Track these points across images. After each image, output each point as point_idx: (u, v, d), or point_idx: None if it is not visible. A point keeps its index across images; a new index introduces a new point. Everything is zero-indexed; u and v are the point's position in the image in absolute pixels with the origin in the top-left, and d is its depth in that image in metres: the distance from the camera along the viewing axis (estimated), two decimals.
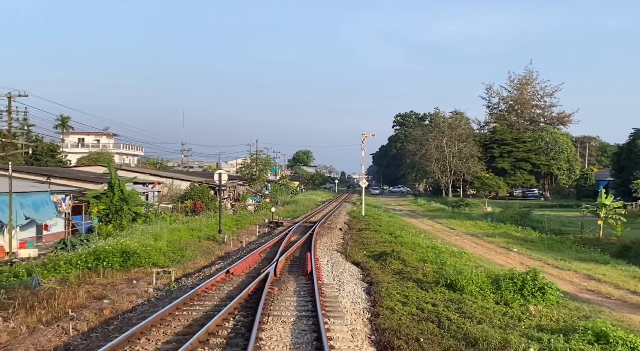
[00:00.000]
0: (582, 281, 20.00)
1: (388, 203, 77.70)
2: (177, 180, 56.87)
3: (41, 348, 10.21)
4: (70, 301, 13.49)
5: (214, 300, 13.13)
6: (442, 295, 15.04)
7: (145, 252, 19.97)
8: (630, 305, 16.03)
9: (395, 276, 17.82)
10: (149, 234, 24.38)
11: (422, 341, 10.71)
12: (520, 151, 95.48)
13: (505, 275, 16.04)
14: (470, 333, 11.28)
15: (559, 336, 11.14)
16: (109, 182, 34.45)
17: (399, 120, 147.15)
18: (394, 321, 11.99)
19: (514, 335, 11.16)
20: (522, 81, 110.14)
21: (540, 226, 41.74)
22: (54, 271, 18.73)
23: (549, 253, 27.58)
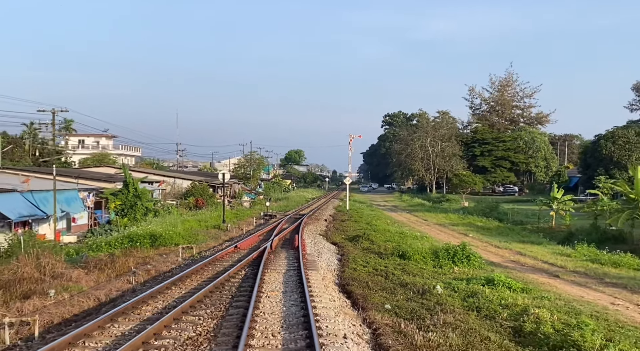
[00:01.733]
0: (511, 255, 25.57)
1: (374, 200, 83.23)
2: (179, 179, 62.18)
3: (118, 290, 15.54)
4: (124, 266, 18.86)
5: (229, 262, 18.64)
6: (394, 261, 20.56)
7: (169, 235, 25.33)
8: (534, 269, 21.60)
9: (362, 251, 23.34)
10: (166, 224, 29.70)
11: (370, 284, 16.19)
12: (500, 150, 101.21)
13: (443, 248, 21.63)
14: (404, 281, 16.80)
15: (463, 281, 16.69)
16: (124, 181, 39.61)
17: (388, 120, 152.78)
18: (354, 274, 17.49)
19: (433, 281, 16.65)
20: (502, 83, 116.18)
21: (505, 218, 47.31)
22: (97, 250, 24.00)
23: (498, 237, 33.18)
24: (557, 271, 20.97)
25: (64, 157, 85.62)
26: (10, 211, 25.98)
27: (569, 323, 11.88)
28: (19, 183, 30.33)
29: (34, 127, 79.99)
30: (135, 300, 12.42)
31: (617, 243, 29.30)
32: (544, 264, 23.04)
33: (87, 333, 9.96)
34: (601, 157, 69.29)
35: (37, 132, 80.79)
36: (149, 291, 13.51)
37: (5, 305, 12.89)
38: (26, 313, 12.06)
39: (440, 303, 13.76)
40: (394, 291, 15.31)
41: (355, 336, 10.39)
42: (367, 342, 10.30)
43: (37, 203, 28.97)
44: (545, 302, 14.26)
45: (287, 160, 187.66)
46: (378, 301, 13.87)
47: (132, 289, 15.55)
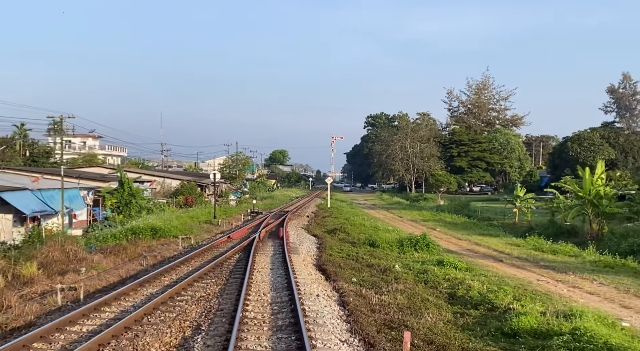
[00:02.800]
0: (468, 245, 29.27)
1: (355, 199, 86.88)
2: (168, 179, 65.15)
3: (133, 270, 18.81)
4: (134, 252, 22.14)
5: (224, 248, 22.07)
6: (365, 249, 24.11)
7: (167, 228, 28.59)
8: (484, 256, 25.28)
9: (339, 241, 26.89)
10: (164, 219, 32.89)
11: (342, 265, 19.70)
12: (476, 151, 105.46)
13: (407, 238, 25.25)
14: (371, 263, 20.34)
15: (419, 263, 20.27)
16: (120, 181, 42.61)
17: (370, 121, 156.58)
18: (329, 258, 20.99)
19: (394, 263, 20.19)
20: (479, 86, 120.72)
21: (474, 215, 51.14)
22: (104, 241, 27.11)
23: (462, 231, 36.93)
24: (503, 257, 24.70)
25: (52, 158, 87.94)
26: (25, 207, 28.98)
27: (492, 290, 15.48)
28: (30, 182, 33.26)
29: (24, 128, 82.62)
30: (154, 273, 15.78)
31: (570, 236, 33.12)
32: (494, 252, 26.76)
33: (124, 293, 13.32)
34: (568, 158, 73.70)
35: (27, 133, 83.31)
36: (163, 268, 16.89)
37: (49, 278, 16.15)
38: (64, 287, 15.31)
39: (397, 278, 17.32)
40: (361, 270, 18.84)
41: (325, 296, 13.89)
42: (334, 300, 13.79)
43: (45, 200, 31.95)
44: (482, 278, 17.85)
45: (271, 160, 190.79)
46: (347, 276, 17.38)
47: (144, 269, 18.83)
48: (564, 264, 22.80)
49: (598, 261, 23.24)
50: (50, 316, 12.29)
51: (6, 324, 11.67)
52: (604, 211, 32.58)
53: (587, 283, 18.64)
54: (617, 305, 15.46)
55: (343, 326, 11.23)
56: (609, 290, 17.59)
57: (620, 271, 21.13)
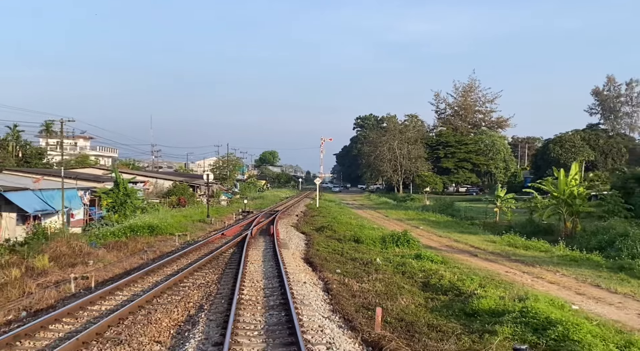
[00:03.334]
0: (448, 242, 31.15)
1: (344, 199, 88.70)
2: (161, 180, 66.60)
3: (136, 263, 20.41)
4: (135, 248, 23.74)
5: (219, 244, 23.78)
6: (350, 245, 25.88)
7: (164, 226, 30.19)
8: (461, 251, 27.15)
9: (326, 237, 28.63)
10: (160, 218, 34.44)
11: (327, 258, 21.45)
12: (462, 152, 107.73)
13: (389, 234, 27.06)
14: (355, 256, 22.11)
15: (399, 257, 22.06)
16: (115, 181, 44.05)
17: (360, 122, 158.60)
18: (316, 252, 22.72)
19: (376, 257, 21.96)
20: (466, 89, 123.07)
21: (458, 214, 53.10)
22: (104, 238, 28.64)
23: (444, 229, 38.83)
24: (478, 252, 26.59)
25: (45, 159, 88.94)
26: (27, 206, 30.47)
27: (461, 279, 17.29)
28: (31, 183, 34.70)
29: (17, 129, 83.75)
30: (157, 265, 17.46)
31: (547, 234, 35.02)
32: (471, 248, 28.64)
33: (133, 280, 15.00)
34: (550, 159, 76.08)
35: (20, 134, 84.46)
36: (164, 260, 18.56)
37: (61, 270, 17.74)
38: (77, 276, 16.92)
39: (377, 269, 19.10)
40: (345, 263, 20.61)
41: (311, 283, 15.64)
42: (319, 287, 15.55)
43: (46, 200, 33.43)
44: (455, 269, 19.66)
45: (261, 161, 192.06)
46: (332, 267, 19.13)
47: (146, 263, 20.46)
48: (533, 259, 24.69)
49: (565, 255, 25.17)
50: (66, 300, 13.90)
51: (30, 307, 13.29)
52: (577, 210, 34.53)
53: (550, 274, 20.54)
54: (572, 292, 17.34)
55: (326, 306, 12.98)
56: (568, 280, 19.48)
57: (584, 264, 23.04)
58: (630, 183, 48.48)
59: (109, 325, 10.48)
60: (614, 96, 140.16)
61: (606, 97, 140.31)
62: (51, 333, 10.41)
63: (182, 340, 9.88)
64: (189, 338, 9.91)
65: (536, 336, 10.78)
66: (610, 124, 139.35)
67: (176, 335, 10.31)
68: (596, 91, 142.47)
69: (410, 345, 10.14)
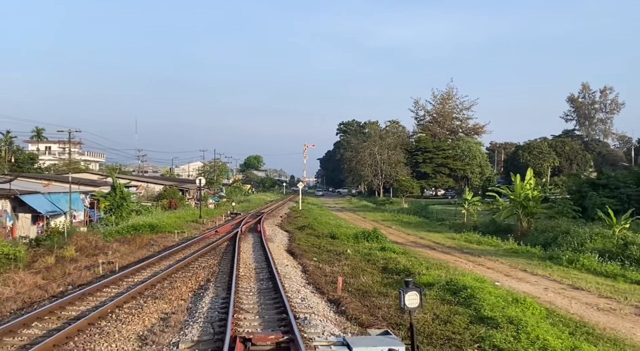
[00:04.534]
0: (413, 239, 35.47)
1: (326, 202, 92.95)
2: (152, 184, 70.25)
3: (146, 254, 24.33)
4: (141, 242, 27.66)
5: (215, 239, 27.85)
6: (327, 240, 30.05)
7: (163, 225, 34.07)
8: (423, 246, 31.45)
9: (306, 234, 32.79)
10: (157, 218, 38.29)
11: (306, 250, 25.61)
12: (440, 157, 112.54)
13: (361, 231, 31.29)
14: (330, 249, 26.31)
15: (366, 249, 26.28)
16: (112, 186, 47.71)
17: (342, 128, 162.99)
18: (297, 246, 26.88)
19: (348, 249, 26.14)
20: (444, 96, 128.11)
21: (431, 216, 57.56)
22: (109, 236, 32.41)
23: (413, 229, 43.21)
24: (437, 246, 30.93)
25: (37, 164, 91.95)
26: (40, 207, 34.15)
27: (414, 264, 21.52)
28: (42, 187, 38.34)
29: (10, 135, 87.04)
30: (166, 253, 21.50)
31: (506, 232, 39.33)
32: (432, 243, 32.99)
33: (151, 263, 19.06)
34: (519, 165, 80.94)
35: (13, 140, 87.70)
36: (171, 250, 22.56)
37: (87, 258, 21.66)
38: (104, 261, 20.82)
39: (347, 258, 23.29)
40: (321, 253, 24.77)
41: (292, 266, 19.82)
42: (299, 269, 19.71)
43: (54, 202, 37.10)
44: (412, 258, 23.90)
45: (246, 165, 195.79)
46: (310, 256, 23.28)
47: (154, 254, 24.41)
48: (482, 251, 29.08)
49: (509, 249, 29.60)
50: (99, 279, 17.83)
51: (74, 282, 17.20)
52: (531, 211, 38.95)
53: (490, 262, 24.89)
54: (502, 275, 21.65)
55: (303, 280, 17.13)
56: (503, 266, 23.84)
57: (522, 255, 27.44)
58: (585, 187, 53.42)
59: (145, 288, 14.52)
60: (589, 103, 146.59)
61: (581, 104, 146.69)
62: (105, 294, 14.45)
63: (199, 298, 13.96)
64: (203, 296, 14.00)
65: (453, 296, 15.05)
66: (585, 130, 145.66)
67: (194, 295, 14.39)
68: (571, 98, 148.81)
69: (360, 301, 14.33)
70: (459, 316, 12.71)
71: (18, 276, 17.27)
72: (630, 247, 24.95)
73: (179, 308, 12.54)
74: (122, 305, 12.72)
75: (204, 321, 11.23)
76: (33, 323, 11.28)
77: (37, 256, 21.91)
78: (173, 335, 10.44)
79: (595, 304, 16.21)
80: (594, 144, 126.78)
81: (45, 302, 13.77)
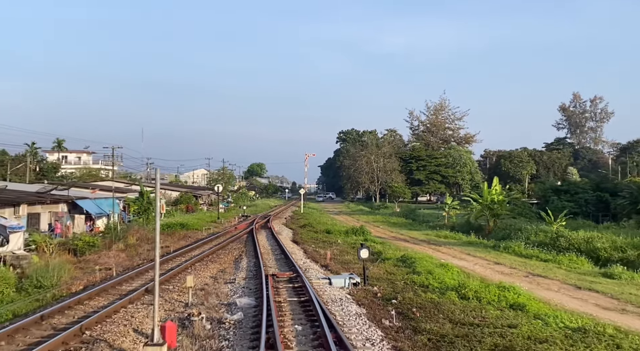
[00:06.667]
0: (395, 235, 43.41)
1: (326, 207, 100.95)
2: (169, 190, 78.40)
3: (187, 243, 32.24)
4: (178, 236, 35.65)
5: (236, 233, 35.92)
6: (323, 234, 38.06)
7: (191, 224, 42.05)
8: (399, 239, 39.38)
9: (307, 231, 40.81)
10: (184, 219, 46.23)
11: (307, 241, 33.65)
12: (433, 165, 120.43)
13: (351, 228, 39.32)
14: (324, 240, 34.40)
15: (353, 240, 34.26)
16: (140, 192, 55.66)
17: (342, 136, 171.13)
18: (300, 238, 34.91)
19: (338, 240, 34.12)
20: (437, 107, 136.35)
21: (417, 218, 65.46)
22: (153, 231, 40.31)
23: (398, 228, 51.16)
24: (411, 240, 38.85)
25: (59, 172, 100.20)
26: (91, 210, 42.13)
27: (385, 249, 29.43)
28: (89, 193, 46.36)
29: (35, 146, 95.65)
30: (203, 242, 29.49)
31: (478, 231, 47.11)
32: (408, 237, 40.93)
33: (195, 248, 27.15)
34: (501, 172, 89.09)
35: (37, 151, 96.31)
36: (205, 240, 30.60)
37: (146, 245, 29.65)
38: (161, 246, 28.68)
39: (337, 245, 31.22)
40: (318, 242, 32.74)
41: (297, 249, 27.91)
42: (301, 251, 27.74)
43: (100, 206, 45.08)
44: (386, 246, 31.77)
45: (249, 172, 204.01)
46: (309, 245, 31.23)
47: (193, 242, 32.30)
48: (446, 243, 37.00)
49: (468, 241, 37.53)
50: (164, 256, 25.69)
51: (148, 258, 25.12)
52: (497, 213, 46.80)
53: (448, 250, 32.80)
54: (450, 256, 29.55)
55: (304, 257, 25.18)
56: (456, 252, 31.74)
57: (476, 245, 35.36)
58: (548, 193, 61.52)
59: (202, 258, 22.59)
60: (580, 112, 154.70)
61: (572, 113, 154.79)
62: (179, 260, 22.48)
63: (238, 262, 22.00)
64: (241, 261, 22.03)
65: (402, 263, 23.02)
66: (576, 138, 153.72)
67: (234, 261, 22.42)
68: (563, 107, 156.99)
69: (341, 266, 22.30)
70: (400, 271, 20.74)
71: (108, 255, 25.26)
72: (560, 239, 32.77)
73: (229, 266, 20.59)
74: (194, 264, 20.77)
75: (246, 270, 19.29)
76: (168, 263, 19.30)
77: (110, 244, 29.89)
78: (230, 276, 18.51)
79: (501, 271, 24.16)
80: (585, 151, 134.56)
81: (142, 263, 21.79)
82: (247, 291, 15.68)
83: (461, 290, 16.27)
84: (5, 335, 10.66)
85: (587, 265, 26.95)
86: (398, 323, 12.54)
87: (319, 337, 10.83)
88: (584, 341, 10.94)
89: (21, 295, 16.87)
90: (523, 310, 14.30)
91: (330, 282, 17.21)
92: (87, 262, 23.22)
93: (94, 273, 19.99)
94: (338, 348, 9.93)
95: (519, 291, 16.34)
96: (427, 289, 16.83)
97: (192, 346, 10.48)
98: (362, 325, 12.12)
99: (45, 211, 37.58)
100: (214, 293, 15.47)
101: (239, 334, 11.25)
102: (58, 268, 18.77)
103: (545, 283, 21.51)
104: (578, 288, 20.39)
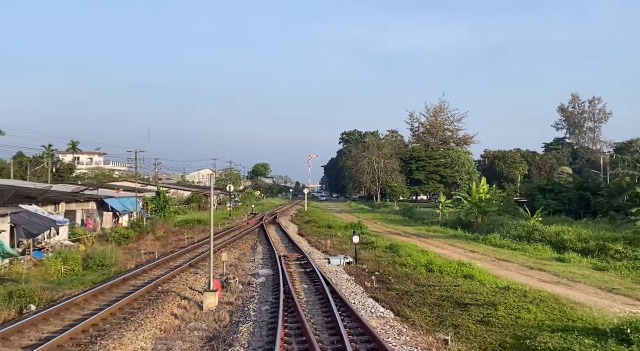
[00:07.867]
0: (390, 229, 48.20)
1: (328, 206, 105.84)
2: (181, 190, 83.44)
3: (204, 236, 37.14)
4: (198, 230, 40.56)
5: (249, 227, 40.87)
6: (325, 229, 42.93)
7: (208, 220, 46.88)
8: (393, 234, 44.14)
9: (310, 226, 45.69)
10: (200, 215, 51.12)
11: (311, 233, 38.57)
12: (432, 166, 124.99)
13: (350, 223, 44.19)
14: (326, 233, 39.31)
15: (351, 234, 39.13)
16: (157, 192, 60.65)
17: (345, 137, 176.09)
18: (305, 231, 39.80)
19: (338, 233, 38.98)
20: (436, 109, 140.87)
21: (414, 216, 70.21)
22: (175, 226, 45.13)
23: (393, 224, 55.95)
24: (403, 234, 43.64)
25: (75, 173, 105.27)
26: (117, 207, 47.09)
27: (378, 241, 34.26)
28: (114, 193, 51.30)
29: (51, 148, 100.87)
30: (221, 234, 34.40)
31: (468, 227, 51.89)
32: (401, 232, 45.69)
33: (219, 237, 32.06)
34: (495, 172, 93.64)
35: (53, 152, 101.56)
36: (222, 233, 35.50)
37: (172, 236, 34.53)
38: (188, 237, 33.51)
39: (337, 237, 36.06)
40: (320, 235, 37.60)
41: (302, 240, 32.77)
42: (306, 241, 32.61)
43: (124, 204, 50.02)
44: (379, 238, 36.58)
45: (254, 172, 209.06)
46: (313, 236, 36.09)
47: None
48: (434, 236, 41.76)
49: (453, 234, 42.29)
50: (192, 244, 30.54)
51: (178, 246, 29.99)
52: (484, 210, 51.52)
53: (433, 241, 37.58)
54: (434, 246, 34.30)
55: (308, 245, 30.07)
56: (439, 243, 36.52)
57: (460, 238, 40.11)
58: (534, 192, 66.17)
59: (224, 246, 27.50)
60: (578, 112, 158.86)
61: (571, 114, 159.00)
62: (206, 247, 27.38)
63: (254, 248, 26.93)
64: (257, 248, 26.98)
65: (389, 250, 27.84)
66: (575, 139, 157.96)
67: (251, 248, 27.33)
68: (562, 108, 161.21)
69: (338, 251, 27.14)
70: (387, 255, 25.61)
71: (145, 243, 30.18)
72: (534, 233, 37.47)
73: (248, 251, 25.54)
74: (219, 249, 25.68)
75: (262, 253, 24.22)
76: (197, 250, 24.23)
77: (140, 236, 34.81)
78: (250, 257, 23.41)
79: (473, 257, 28.92)
80: (583, 151, 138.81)
81: (174, 250, 26.70)
82: (266, 266, 20.59)
83: (429, 266, 21.12)
84: (105, 288, 15.60)
85: (549, 253, 31.66)
86: (377, 285, 17.39)
87: (319, 290, 15.70)
88: (503, 294, 15.77)
89: (89, 271, 21.79)
90: (472, 278, 19.11)
91: (329, 261, 22.09)
92: (130, 249, 28.16)
93: (139, 256, 24.91)
94: (332, 295, 14.78)
95: (473, 266, 21.17)
96: (404, 266, 21.69)
97: (232, 296, 15.36)
98: (350, 285, 17.00)
99: (79, 208, 42.54)
100: (240, 267, 20.38)
101: (264, 289, 16.16)
102: (114, 252, 23.70)
103: (507, 265, 26.27)
104: (531, 269, 25.14)
